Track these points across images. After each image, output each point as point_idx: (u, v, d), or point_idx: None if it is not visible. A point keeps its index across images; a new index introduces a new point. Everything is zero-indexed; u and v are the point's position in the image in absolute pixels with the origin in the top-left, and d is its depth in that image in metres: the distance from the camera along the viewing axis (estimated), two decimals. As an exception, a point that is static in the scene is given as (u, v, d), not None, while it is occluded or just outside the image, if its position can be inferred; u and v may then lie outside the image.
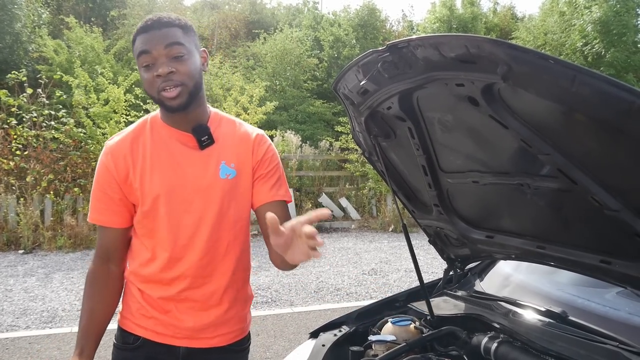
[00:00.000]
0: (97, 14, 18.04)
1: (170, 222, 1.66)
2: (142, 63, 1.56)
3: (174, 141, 1.67)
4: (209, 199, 1.67)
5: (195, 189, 1.66)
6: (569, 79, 1.07)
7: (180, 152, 1.67)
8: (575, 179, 1.35)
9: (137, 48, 1.57)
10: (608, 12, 15.21)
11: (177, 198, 1.66)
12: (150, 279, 1.72)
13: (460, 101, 1.43)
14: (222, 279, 1.74)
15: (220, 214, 1.70)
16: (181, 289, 1.70)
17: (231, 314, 1.78)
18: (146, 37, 1.56)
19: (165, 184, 1.65)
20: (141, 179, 1.65)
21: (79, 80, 10.10)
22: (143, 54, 1.55)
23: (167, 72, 1.53)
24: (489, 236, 1.96)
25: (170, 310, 1.72)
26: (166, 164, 1.66)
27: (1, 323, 5.16)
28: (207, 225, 1.68)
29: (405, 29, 22.39)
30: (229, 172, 1.70)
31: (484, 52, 1.19)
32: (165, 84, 1.54)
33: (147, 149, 1.67)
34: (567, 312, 1.82)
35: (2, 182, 8.76)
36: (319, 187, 11.93)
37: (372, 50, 1.53)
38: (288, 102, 15.42)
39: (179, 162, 1.66)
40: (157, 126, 1.70)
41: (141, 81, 1.62)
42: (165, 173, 1.65)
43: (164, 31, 1.56)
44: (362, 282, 6.98)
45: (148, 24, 1.58)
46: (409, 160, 1.97)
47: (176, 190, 1.65)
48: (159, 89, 1.55)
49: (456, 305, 2.15)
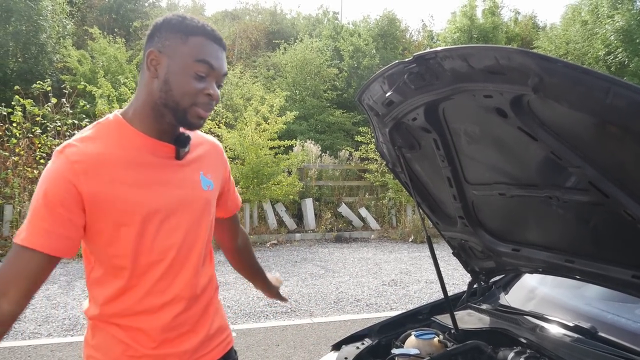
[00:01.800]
0: (120, 25, 18.35)
1: (154, 242, 1.45)
2: (198, 70, 1.39)
3: (148, 152, 1.46)
4: (196, 212, 1.53)
5: (181, 203, 1.49)
6: (604, 90, 1.05)
7: (159, 164, 1.47)
8: (607, 192, 1.32)
9: (200, 52, 1.40)
10: (631, 20, 15.04)
11: (165, 215, 1.46)
12: (135, 311, 1.48)
13: (488, 113, 1.41)
14: (208, 293, 1.63)
15: (208, 227, 1.59)
16: (175, 314, 1.52)
17: (216, 325, 1.67)
18: (214, 51, 1.43)
19: (146, 203, 1.43)
20: (125, 195, 1.40)
21: (102, 90, 10.25)
22: (206, 65, 1.40)
23: (217, 97, 1.44)
24: (515, 249, 1.94)
25: (165, 340, 1.52)
26: (148, 179, 1.44)
27: (23, 330, 5.21)
28: (197, 241, 1.54)
29: (425, 38, 22.36)
30: (208, 184, 1.58)
31: (514, 64, 1.17)
32: (208, 105, 1.42)
33: (122, 161, 1.41)
34: (596, 328, 1.78)
35: (26, 190, 8.89)
36: (338, 196, 11.92)
37: (398, 61, 1.52)
38: (308, 112, 15.47)
39: (160, 175, 1.47)
40: (128, 134, 1.45)
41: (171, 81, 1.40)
42: (148, 189, 1.44)
43: (224, 55, 1.46)
44: (382, 293, 6.93)
45: (216, 34, 1.45)
46: (433, 171, 1.95)
47: (161, 206, 1.45)
48: (196, 104, 1.41)
49: (481, 319, 2.12)
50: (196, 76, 1.39)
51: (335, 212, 11.48)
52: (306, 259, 8.90)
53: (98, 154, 1.39)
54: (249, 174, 10.33)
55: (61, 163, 1.36)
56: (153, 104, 1.43)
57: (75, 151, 1.38)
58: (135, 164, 1.43)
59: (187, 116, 1.41)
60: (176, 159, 1.50)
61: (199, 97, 1.40)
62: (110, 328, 1.50)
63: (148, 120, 1.45)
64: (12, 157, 8.99)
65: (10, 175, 8.90)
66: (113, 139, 1.43)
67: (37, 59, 13.57)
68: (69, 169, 1.35)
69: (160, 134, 1.47)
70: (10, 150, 9.03)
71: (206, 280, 1.61)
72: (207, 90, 1.41)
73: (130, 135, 1.45)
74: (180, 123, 1.45)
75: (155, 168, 1.46)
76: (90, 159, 1.37)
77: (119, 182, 1.39)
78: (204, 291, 1.60)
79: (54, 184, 1.35)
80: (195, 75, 1.39)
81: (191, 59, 1.39)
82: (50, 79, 11.14)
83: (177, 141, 1.49)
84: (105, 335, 1.51)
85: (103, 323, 1.51)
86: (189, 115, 1.41)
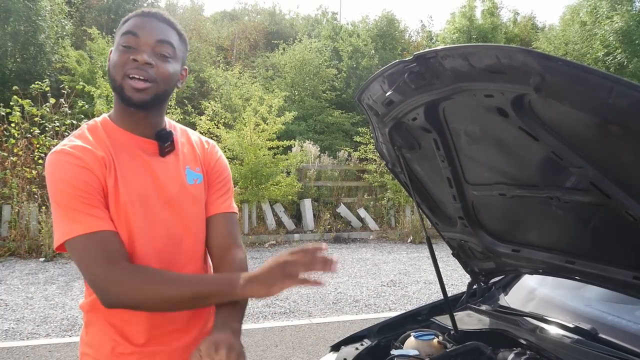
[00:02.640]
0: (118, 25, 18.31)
1: (140, 235, 1.45)
2: (123, 42, 1.42)
3: (133, 147, 1.49)
4: (181, 206, 1.53)
5: (164, 198, 1.50)
6: (606, 90, 1.04)
7: (142, 159, 1.49)
8: (609, 193, 1.31)
9: (125, 27, 1.44)
10: (630, 21, 15.07)
11: (147, 208, 1.46)
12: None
13: (489, 112, 1.40)
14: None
15: (195, 221, 1.57)
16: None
17: (210, 325, 1.55)
18: (141, 21, 1.45)
19: (135, 195, 1.45)
20: (115, 191, 1.43)
21: (101, 91, 10.25)
22: (129, 35, 1.42)
23: (145, 62, 1.40)
24: (515, 250, 1.92)
25: (152, 337, 1.51)
26: (132, 172, 1.46)
27: (22, 331, 5.20)
28: (183, 236, 1.53)
29: (424, 39, 22.39)
30: (195, 177, 1.58)
31: (516, 63, 1.16)
32: (138, 72, 1.40)
33: (112, 155, 1.44)
34: (596, 329, 1.77)
35: (24, 191, 8.88)
36: (337, 197, 11.92)
37: (398, 60, 1.50)
38: (307, 112, 15.47)
39: (144, 169, 1.48)
40: (112, 131, 1.49)
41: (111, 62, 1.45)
42: (133, 182, 1.45)
43: (161, 26, 1.46)
44: (381, 293, 6.93)
45: (148, 11, 1.48)
46: (433, 172, 1.94)
47: (146, 199, 1.47)
48: (127, 74, 1.40)
49: (480, 320, 2.11)
50: (123, 48, 1.42)
51: (334, 213, 11.48)
52: (305, 260, 8.87)
53: (91, 149, 1.42)
54: (248, 174, 10.32)
55: (67, 159, 1.40)
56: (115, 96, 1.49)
57: (74, 145, 1.42)
58: (122, 157, 1.46)
59: (123, 91, 1.42)
60: (160, 155, 1.52)
61: (126, 66, 1.40)
62: (101, 324, 1.51)
63: (120, 114, 1.50)
64: (11, 157, 8.99)
65: (9, 176, 8.90)
66: (101, 136, 1.48)
67: (36, 59, 13.56)
68: (79, 160, 1.39)
69: (138, 127, 1.50)
70: (8, 150, 9.03)
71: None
72: (133, 56, 1.40)
73: (114, 132, 1.49)
74: (124, 101, 1.44)
75: (140, 162, 1.49)
76: (88, 152, 1.41)
77: (114, 175, 1.43)
78: None
79: (72, 176, 1.38)
80: (122, 47, 1.42)
81: (119, 37, 1.45)
82: (49, 79, 11.11)
83: (158, 137, 1.52)
84: (97, 332, 1.52)
85: (95, 317, 1.52)
86: (125, 90, 1.41)
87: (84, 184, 1.38)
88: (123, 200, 1.43)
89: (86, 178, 1.38)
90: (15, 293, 6.41)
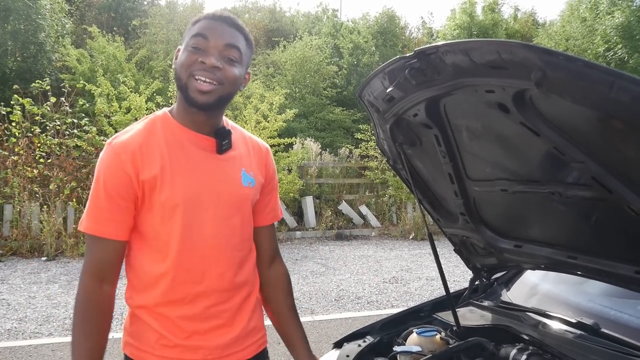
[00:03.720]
0: (119, 23, 18.29)
1: (191, 231, 1.51)
2: (193, 44, 1.46)
3: (190, 144, 1.54)
4: (233, 206, 1.58)
5: (217, 196, 1.55)
6: (608, 85, 1.04)
7: (199, 156, 1.54)
8: (611, 188, 1.31)
9: (196, 29, 1.47)
10: (630, 17, 15.04)
11: (200, 205, 1.52)
12: (169, 299, 1.54)
13: (490, 108, 1.40)
14: (244, 290, 1.65)
15: (244, 222, 1.62)
16: (207, 306, 1.56)
17: (253, 323, 1.69)
18: (212, 25, 1.48)
19: (188, 190, 1.50)
20: (162, 183, 1.48)
21: (102, 89, 10.23)
22: (199, 37, 1.46)
23: (213, 65, 1.44)
24: (517, 245, 1.92)
25: (195, 332, 1.56)
26: (186, 168, 1.51)
27: (24, 330, 5.21)
28: (231, 235, 1.58)
29: (425, 35, 22.35)
30: (249, 180, 1.63)
31: (517, 58, 1.16)
32: (205, 74, 1.44)
33: (164, 151, 1.50)
34: (599, 324, 1.77)
35: (25, 190, 8.87)
36: (338, 194, 11.91)
37: (399, 56, 1.50)
38: (308, 110, 15.45)
39: (199, 166, 1.53)
40: (170, 126, 1.54)
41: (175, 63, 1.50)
42: (187, 178, 1.50)
43: (231, 30, 1.50)
44: (383, 290, 6.93)
45: (219, 14, 1.51)
46: (434, 168, 1.94)
47: (199, 196, 1.52)
48: (193, 74, 1.44)
49: (483, 316, 2.11)
50: (192, 49, 1.46)
51: (335, 210, 11.47)
52: (307, 257, 8.90)
53: (141, 144, 1.49)
54: (249, 172, 10.29)
55: (110, 155, 1.49)
56: (178, 95, 1.53)
57: (121, 143, 1.49)
58: (177, 153, 1.52)
59: (188, 92, 1.46)
60: (217, 152, 1.57)
61: (194, 66, 1.45)
62: (146, 316, 1.57)
63: (182, 112, 1.55)
64: (12, 156, 8.97)
65: (10, 175, 8.88)
66: (157, 130, 1.53)
67: (36, 58, 13.52)
68: (118, 160, 1.47)
69: (197, 125, 1.54)
70: (9, 149, 9.01)
71: (244, 278, 1.65)
72: (201, 59, 1.44)
73: (172, 128, 1.54)
74: (187, 101, 1.49)
75: (196, 159, 1.54)
76: (135, 148, 1.48)
77: (161, 168, 1.48)
78: (241, 287, 1.64)
79: (108, 175, 1.48)
80: (191, 49, 1.46)
81: (189, 38, 1.48)
82: (49, 78, 11.08)
83: (216, 134, 1.56)
84: (141, 323, 1.58)
85: (140, 310, 1.58)
86: (190, 90, 1.46)
87: (112, 185, 1.47)
88: (172, 195, 1.49)
89: (115, 180, 1.47)
90: (17, 292, 6.42)
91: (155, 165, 1.48)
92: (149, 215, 1.51)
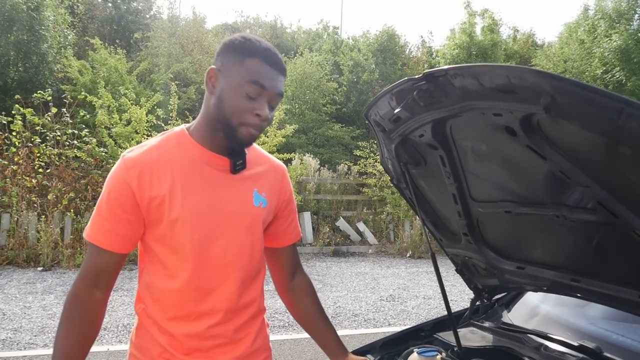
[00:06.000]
0: (121, 36, 18.40)
1: (200, 249, 1.52)
2: (249, 92, 1.44)
3: (204, 163, 1.54)
4: (243, 226, 1.58)
5: (228, 215, 1.55)
6: (616, 111, 1.05)
7: (211, 175, 1.54)
8: (617, 213, 1.32)
9: (253, 74, 1.45)
10: (628, 40, 15.17)
11: (210, 223, 1.53)
12: (174, 315, 1.55)
13: (497, 131, 1.41)
14: (250, 310, 1.65)
15: (254, 242, 1.62)
16: (211, 325, 1.56)
17: (258, 344, 1.69)
18: (268, 73, 1.46)
19: (198, 207, 1.51)
20: (170, 201, 1.48)
21: (102, 101, 10.27)
22: (257, 86, 1.44)
23: (267, 117, 1.47)
24: (519, 267, 1.93)
25: (198, 349, 1.57)
26: (198, 188, 1.52)
27: (19, 341, 5.17)
28: (240, 254, 1.58)
29: (425, 54, 22.47)
30: (261, 201, 1.63)
31: (527, 83, 1.18)
32: (257, 125, 1.47)
33: (176, 168, 1.51)
34: (601, 348, 1.77)
35: (23, 200, 8.86)
36: (336, 210, 11.90)
37: (407, 78, 1.52)
38: (307, 126, 15.49)
39: (211, 185, 1.54)
40: (186, 144, 1.55)
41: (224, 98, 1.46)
42: (197, 196, 1.51)
43: (281, 78, 1.51)
44: (380, 308, 6.91)
45: (274, 58, 1.49)
46: (438, 188, 1.95)
47: (209, 214, 1.52)
48: (245, 123, 1.46)
49: (484, 337, 2.10)
50: (247, 96, 1.45)
51: (333, 226, 11.46)
52: (304, 273, 8.86)
53: (152, 160, 1.50)
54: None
55: (120, 168, 1.51)
56: (209, 118, 1.52)
57: (132, 157, 1.51)
58: (189, 171, 1.52)
59: (236, 134, 1.48)
60: (231, 172, 1.58)
61: (248, 116, 1.46)
62: (152, 330, 1.59)
63: (204, 132, 1.55)
64: (11, 165, 8.97)
65: (9, 184, 8.88)
66: (171, 147, 1.54)
67: (38, 68, 13.56)
68: (126, 174, 1.48)
69: (215, 146, 1.55)
70: (9, 159, 9.02)
71: (250, 298, 1.65)
72: (257, 110, 1.46)
73: (187, 145, 1.55)
74: (230, 139, 1.50)
75: (208, 178, 1.54)
76: (145, 165, 1.49)
77: (171, 186, 1.49)
78: (247, 308, 1.64)
79: (114, 187, 1.50)
80: (246, 95, 1.45)
81: (244, 80, 1.44)
82: (51, 88, 11.18)
83: (231, 154, 1.57)
84: (146, 335, 1.60)
85: (147, 322, 1.60)
86: (239, 135, 1.48)
87: (115, 197, 1.49)
88: (183, 213, 1.49)
89: (120, 194, 1.48)
90: (12, 302, 6.39)
91: (164, 184, 1.49)
92: (158, 232, 1.52)
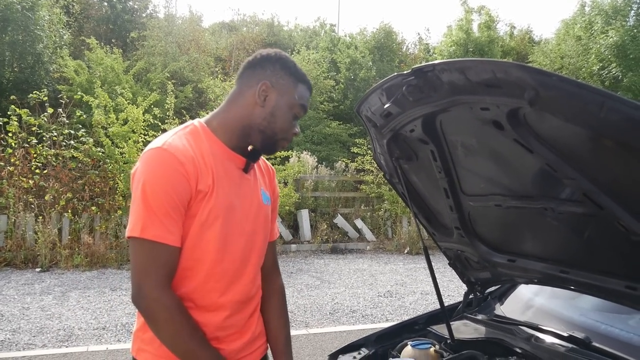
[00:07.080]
0: (117, 35, 18.38)
1: (225, 243, 1.57)
2: (296, 112, 1.63)
3: (225, 158, 1.60)
4: (258, 222, 1.68)
5: (247, 211, 1.64)
6: (598, 104, 1.08)
7: (234, 172, 1.62)
8: (602, 204, 1.34)
9: (303, 99, 1.65)
10: (624, 36, 15.20)
11: (234, 219, 1.58)
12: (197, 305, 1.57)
13: (485, 125, 1.44)
14: (255, 300, 1.74)
15: (264, 238, 1.73)
16: (226, 316, 1.61)
17: (258, 330, 1.78)
18: (308, 97, 1.68)
19: (227, 202, 1.56)
20: (209, 195, 1.52)
21: (99, 100, 10.25)
22: (301, 109, 1.65)
23: (298, 133, 1.68)
24: (510, 260, 1.96)
25: (213, 338, 1.59)
26: (226, 182, 1.57)
27: (18, 341, 5.18)
28: (256, 249, 1.69)
29: (422, 51, 22.49)
30: (267, 199, 1.74)
31: (511, 77, 1.20)
32: (290, 138, 1.66)
33: (212, 163, 1.55)
34: (590, 338, 1.80)
35: (21, 200, 8.86)
36: (334, 208, 11.92)
37: (396, 73, 1.54)
38: (304, 123, 15.49)
39: (235, 181, 1.61)
40: (210, 139, 1.59)
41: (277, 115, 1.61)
42: (226, 191, 1.56)
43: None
44: (378, 304, 6.93)
45: (310, 85, 1.69)
46: (430, 182, 1.97)
47: (234, 210, 1.59)
48: (284, 138, 1.64)
49: (476, 329, 2.13)
50: (294, 116, 1.64)
51: (331, 223, 11.48)
52: (302, 270, 8.90)
53: (196, 155, 1.52)
54: (245, 184, 10.30)
55: (171, 161, 1.47)
56: (246, 124, 1.61)
57: (180, 150, 1.49)
58: (219, 166, 1.57)
59: (275, 146, 1.65)
60: (244, 171, 1.66)
61: (289, 133, 1.65)
62: None
63: (232, 134, 1.62)
64: (8, 167, 8.96)
65: (5, 185, 8.87)
66: (202, 141, 1.58)
67: (34, 68, 13.55)
68: (182, 167, 1.47)
69: (234, 146, 1.63)
70: (5, 160, 9.01)
71: (256, 289, 1.74)
72: (295, 130, 1.66)
73: (212, 141, 1.60)
74: (264, 147, 1.65)
75: (232, 174, 1.61)
76: (194, 158, 1.51)
77: (212, 181, 1.53)
78: (253, 298, 1.73)
79: (171, 180, 1.46)
80: (294, 115, 1.64)
81: (297, 103, 1.63)
82: (47, 88, 11.11)
83: (249, 155, 1.66)
84: None
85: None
86: (277, 146, 1.66)
87: (176, 193, 1.46)
88: (216, 206, 1.53)
89: (181, 189, 1.47)
90: (11, 303, 6.39)
91: (209, 176, 1.53)
92: (191, 223, 1.52)
